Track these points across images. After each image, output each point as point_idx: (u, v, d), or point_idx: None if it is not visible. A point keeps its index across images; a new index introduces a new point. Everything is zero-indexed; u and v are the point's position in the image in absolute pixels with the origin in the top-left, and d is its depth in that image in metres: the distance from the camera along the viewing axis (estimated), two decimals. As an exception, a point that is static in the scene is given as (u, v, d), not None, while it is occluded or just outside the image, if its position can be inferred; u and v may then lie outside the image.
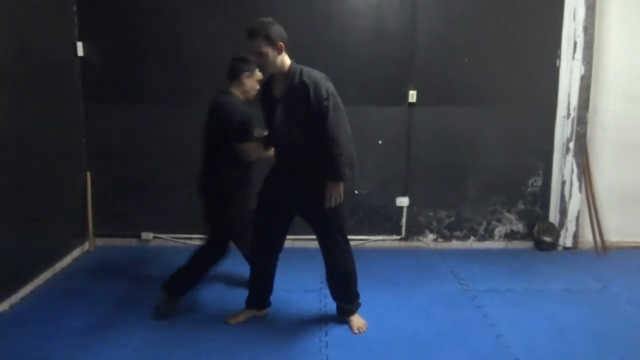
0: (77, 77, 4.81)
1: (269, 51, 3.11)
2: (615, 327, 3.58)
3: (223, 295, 4.00)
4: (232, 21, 4.73)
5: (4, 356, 3.14)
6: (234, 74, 3.58)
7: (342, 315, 3.60)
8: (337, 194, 3.21)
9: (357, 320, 3.56)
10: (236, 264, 4.22)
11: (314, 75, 3.15)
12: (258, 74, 3.61)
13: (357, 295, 3.62)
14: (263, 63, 3.19)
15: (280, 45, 3.14)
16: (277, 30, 3.14)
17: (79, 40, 4.76)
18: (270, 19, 3.17)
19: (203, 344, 3.31)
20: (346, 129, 3.17)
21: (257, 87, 3.60)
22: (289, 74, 3.19)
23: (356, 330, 3.49)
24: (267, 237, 3.50)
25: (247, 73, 3.57)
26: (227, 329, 3.51)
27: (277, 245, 3.56)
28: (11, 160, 3.79)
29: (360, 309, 3.64)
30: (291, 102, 3.17)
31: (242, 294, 3.74)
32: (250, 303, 3.68)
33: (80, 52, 4.76)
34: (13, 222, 3.83)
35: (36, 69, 4.13)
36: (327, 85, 3.12)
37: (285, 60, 3.22)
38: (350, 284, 3.56)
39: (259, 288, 3.66)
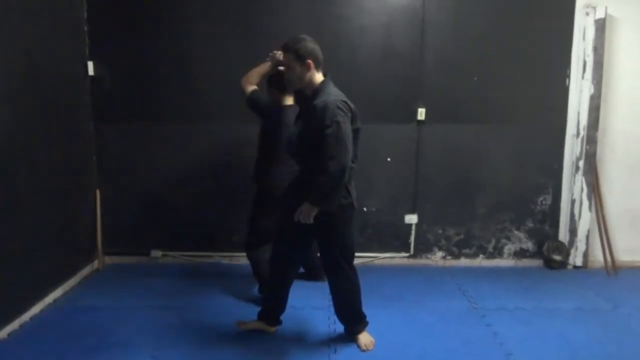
0: (88, 96, 4.85)
1: (297, 66, 3.17)
2: (627, 348, 3.54)
3: (232, 310, 3.99)
4: (242, 41, 4.78)
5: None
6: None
7: (349, 335, 3.59)
8: (306, 214, 3.13)
9: (364, 337, 3.54)
10: (247, 281, 4.23)
11: (328, 99, 3.07)
12: None
13: (363, 316, 3.61)
14: (289, 77, 3.26)
15: (309, 62, 3.16)
16: (308, 47, 3.18)
17: (90, 60, 4.81)
18: (305, 36, 3.24)
19: (212, 362, 3.30)
20: (341, 161, 3.01)
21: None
22: (312, 93, 3.21)
23: (364, 348, 3.48)
24: (286, 252, 3.51)
25: None
26: (236, 346, 3.49)
27: (294, 261, 3.59)
28: (21, 178, 3.81)
29: (368, 327, 3.63)
30: (305, 122, 3.21)
31: (252, 310, 3.74)
32: (262, 316, 3.69)
33: (90, 71, 4.81)
34: (22, 240, 3.83)
35: (47, 88, 4.17)
36: (335, 112, 3.02)
37: (315, 78, 3.22)
38: (353, 307, 3.56)
39: (271, 303, 3.67)
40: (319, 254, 3.48)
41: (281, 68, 3.49)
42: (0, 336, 3.54)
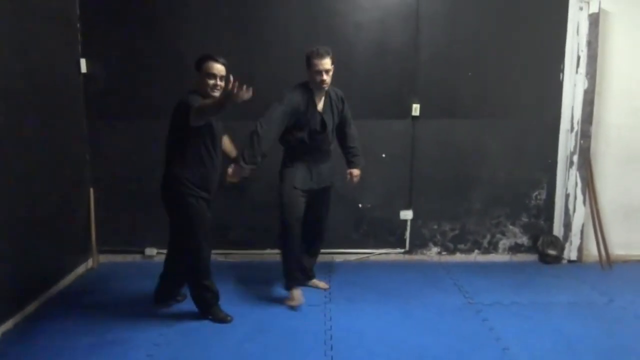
0: (81, 93, 4.83)
1: (331, 70, 3.85)
2: (623, 341, 3.56)
3: (227, 307, 3.98)
4: (236, 37, 4.77)
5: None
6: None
7: (312, 278, 4.41)
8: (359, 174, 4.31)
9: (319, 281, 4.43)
10: (242, 278, 4.23)
11: (342, 93, 4.15)
12: (211, 67, 3.56)
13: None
14: (327, 79, 3.84)
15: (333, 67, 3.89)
16: None
17: (83, 57, 4.79)
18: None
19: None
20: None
21: (210, 81, 3.57)
22: (327, 91, 4.00)
23: (324, 287, 4.36)
24: (298, 222, 4.02)
25: (197, 72, 3.62)
26: (233, 344, 3.49)
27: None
28: (14, 177, 3.79)
29: (365, 322, 3.76)
30: (333, 112, 4.04)
31: (248, 307, 3.72)
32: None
33: (83, 68, 4.78)
34: (16, 239, 3.81)
35: (39, 86, 4.15)
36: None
37: None
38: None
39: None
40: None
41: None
42: (-6, 336, 3.53)
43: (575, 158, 4.98)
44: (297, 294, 4.10)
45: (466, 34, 4.89)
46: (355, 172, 4.27)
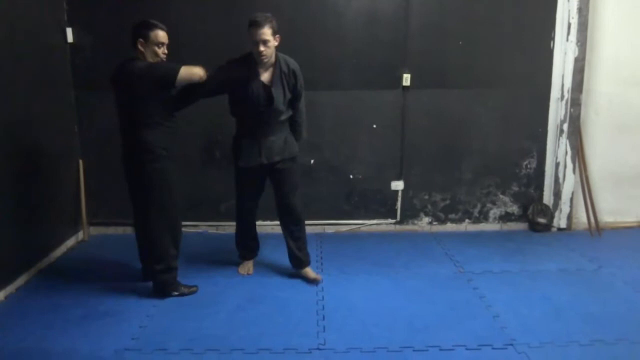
0: (67, 63, 4.76)
1: (272, 40, 3.55)
2: (610, 307, 3.60)
3: (219, 279, 3.99)
4: (224, 8, 4.70)
5: (3, 347, 3.13)
6: (132, 42, 3.56)
7: (303, 266, 4.06)
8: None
9: (312, 271, 4.06)
10: (233, 250, 4.24)
11: (295, 63, 3.79)
12: (159, 34, 3.54)
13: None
14: (266, 51, 3.55)
15: (278, 37, 3.61)
16: (276, 22, 3.59)
17: (69, 26, 4.70)
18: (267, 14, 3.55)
19: (201, 331, 3.31)
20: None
21: (159, 50, 3.56)
22: (276, 62, 3.70)
23: (314, 278, 3.99)
24: (250, 201, 4.05)
25: (140, 40, 3.53)
26: (225, 315, 3.51)
27: (257, 205, 4.14)
28: (1, 149, 3.75)
29: (357, 292, 3.82)
30: (283, 85, 3.71)
31: (238, 279, 3.73)
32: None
33: (70, 38, 4.71)
34: (5, 212, 3.79)
35: (25, 56, 4.08)
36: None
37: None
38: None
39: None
40: None
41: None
42: (-14, 308, 3.53)
43: (566, 126, 4.98)
44: (246, 265, 4.21)
45: (457, 3, 4.83)
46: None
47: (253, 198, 4.04)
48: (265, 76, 3.69)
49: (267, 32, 3.50)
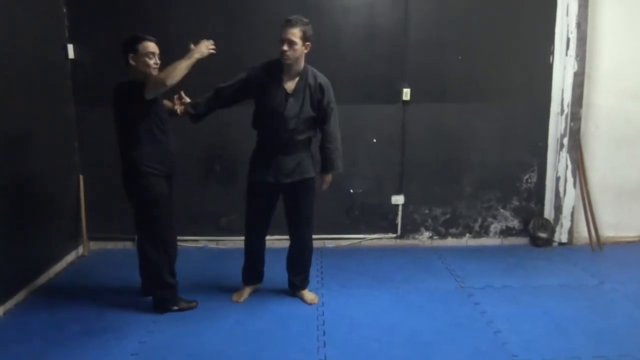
0: (68, 79, 4.77)
1: (299, 44, 3.42)
2: (613, 323, 3.59)
3: (220, 293, 3.98)
4: (225, 21, 4.72)
5: (1, 363, 3.12)
6: (124, 59, 3.55)
7: (298, 290, 3.95)
8: (329, 181, 3.81)
9: (309, 293, 3.95)
10: (234, 264, 4.22)
11: (326, 79, 3.62)
12: (148, 45, 3.53)
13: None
14: (290, 52, 3.43)
15: (308, 44, 3.50)
16: (312, 31, 3.51)
17: (70, 43, 4.73)
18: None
19: (201, 347, 3.29)
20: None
21: (150, 60, 3.52)
22: (304, 73, 3.57)
23: (310, 301, 3.87)
24: (259, 219, 3.84)
25: (131, 54, 3.52)
26: (224, 331, 3.49)
27: (267, 226, 3.90)
28: (2, 165, 3.75)
29: (357, 307, 3.78)
30: (305, 98, 3.55)
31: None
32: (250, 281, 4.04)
33: (71, 54, 4.72)
34: (5, 227, 3.78)
35: (26, 72, 4.09)
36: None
37: (303, 59, 3.55)
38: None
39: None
40: None
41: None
42: (-15, 324, 3.51)
43: (566, 140, 4.99)
44: (244, 291, 3.97)
45: (456, 17, 4.86)
46: (326, 178, 3.80)
47: (261, 214, 3.80)
48: (289, 85, 3.56)
49: (295, 33, 3.39)
